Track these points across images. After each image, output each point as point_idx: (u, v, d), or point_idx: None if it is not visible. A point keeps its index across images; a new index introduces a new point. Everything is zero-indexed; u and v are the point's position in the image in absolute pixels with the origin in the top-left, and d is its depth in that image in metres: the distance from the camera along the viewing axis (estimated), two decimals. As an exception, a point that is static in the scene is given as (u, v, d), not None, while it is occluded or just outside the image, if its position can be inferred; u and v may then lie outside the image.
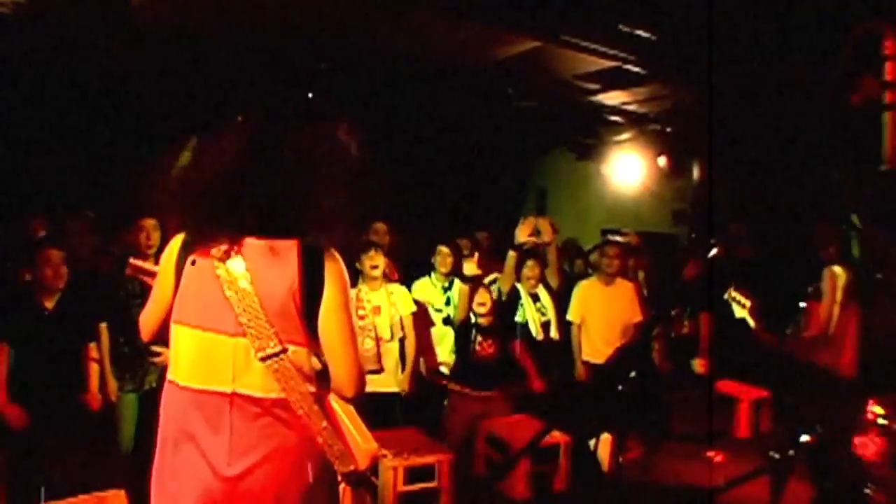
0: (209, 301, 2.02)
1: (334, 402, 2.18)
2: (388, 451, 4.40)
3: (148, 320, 2.26)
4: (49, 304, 4.31)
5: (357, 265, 5.15)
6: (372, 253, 5.11)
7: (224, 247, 2.03)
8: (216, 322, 2.02)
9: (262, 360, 1.99)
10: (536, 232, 5.41)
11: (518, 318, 5.83)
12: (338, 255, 2.14)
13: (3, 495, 4.01)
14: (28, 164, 7.20)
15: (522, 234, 5.47)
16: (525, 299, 5.82)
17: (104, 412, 4.60)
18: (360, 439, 2.17)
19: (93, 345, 4.56)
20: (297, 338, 2.05)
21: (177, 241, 2.13)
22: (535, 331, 5.76)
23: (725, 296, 5.20)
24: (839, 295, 4.64)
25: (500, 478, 4.68)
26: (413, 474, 4.29)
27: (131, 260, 2.95)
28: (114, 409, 4.65)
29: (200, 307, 2.04)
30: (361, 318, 5.09)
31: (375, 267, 5.12)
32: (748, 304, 4.95)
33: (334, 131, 2.20)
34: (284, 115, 2.16)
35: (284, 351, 2.01)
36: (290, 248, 2.06)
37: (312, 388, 2.07)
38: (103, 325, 4.54)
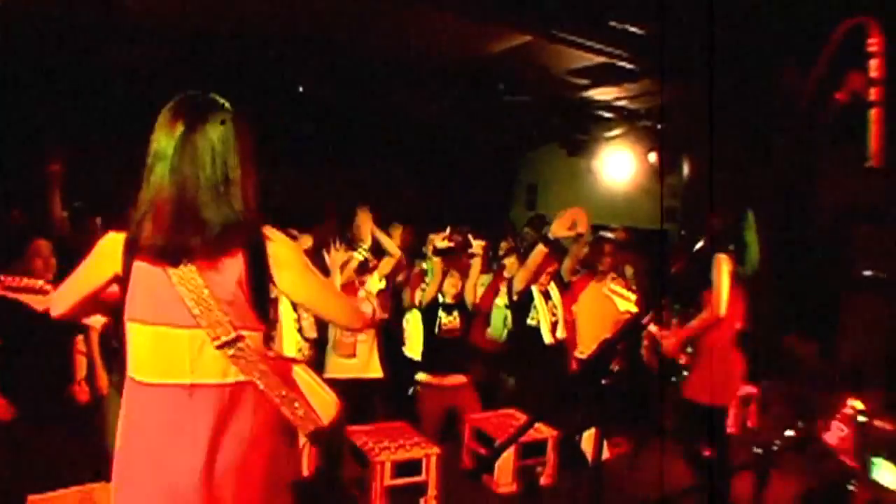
0: (161, 297, 2.05)
1: (296, 367, 2.29)
2: (375, 444, 4.42)
3: (66, 298, 2.30)
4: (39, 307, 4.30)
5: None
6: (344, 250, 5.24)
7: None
8: (169, 316, 2.05)
9: (219, 347, 2.05)
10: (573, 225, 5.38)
11: (530, 321, 5.81)
12: (276, 233, 2.19)
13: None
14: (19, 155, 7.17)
15: (561, 229, 5.35)
16: (538, 299, 5.77)
17: (92, 405, 4.60)
18: (325, 395, 2.28)
19: (80, 337, 4.55)
20: (249, 323, 2.11)
21: (117, 240, 2.13)
22: (547, 335, 5.74)
23: (604, 289, 5.24)
24: (727, 280, 4.68)
25: (486, 471, 4.69)
26: (400, 468, 4.31)
27: (5, 279, 2.89)
28: (101, 402, 4.65)
29: (153, 303, 2.07)
30: None
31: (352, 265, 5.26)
32: (633, 297, 5.00)
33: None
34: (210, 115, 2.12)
35: (240, 338, 2.07)
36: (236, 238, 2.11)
37: (267, 366, 2.13)
38: (92, 318, 4.53)
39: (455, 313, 5.50)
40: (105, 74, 6.84)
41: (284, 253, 2.18)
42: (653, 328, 5.15)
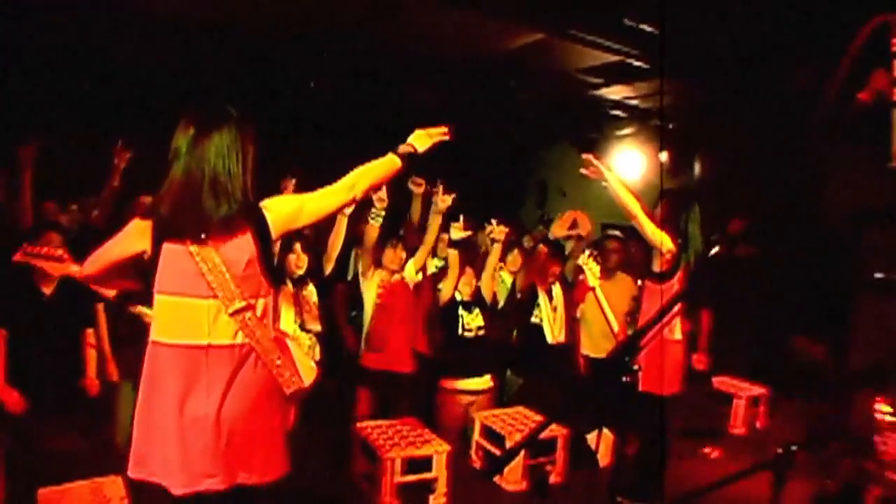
0: (186, 273, 2.51)
1: (287, 340, 2.77)
2: (386, 441, 4.41)
3: (96, 263, 2.73)
4: (48, 290, 4.30)
5: (381, 258, 5.16)
6: (399, 249, 5.14)
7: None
8: (192, 289, 2.52)
9: (232, 315, 2.53)
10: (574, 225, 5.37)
11: (534, 319, 5.79)
12: (266, 201, 2.62)
13: (1, 480, 4.00)
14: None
15: (560, 230, 5.43)
16: (542, 297, 5.76)
17: (102, 398, 4.60)
18: (308, 363, 2.79)
19: (90, 330, 4.55)
20: (260, 291, 2.61)
21: (143, 225, 2.57)
22: (549, 334, 5.72)
23: (579, 261, 5.22)
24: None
25: (498, 472, 4.67)
26: (410, 465, 4.30)
27: (27, 246, 3.21)
28: (112, 396, 4.65)
29: (178, 279, 2.52)
30: (381, 297, 5.12)
31: (400, 260, 5.19)
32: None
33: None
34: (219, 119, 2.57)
35: (249, 307, 2.55)
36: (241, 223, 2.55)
37: (266, 333, 2.60)
38: (100, 306, 4.55)
39: (476, 310, 5.42)
40: (117, 68, 6.83)
41: (281, 213, 2.63)
42: None
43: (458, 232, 5.19)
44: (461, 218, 5.22)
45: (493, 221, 5.38)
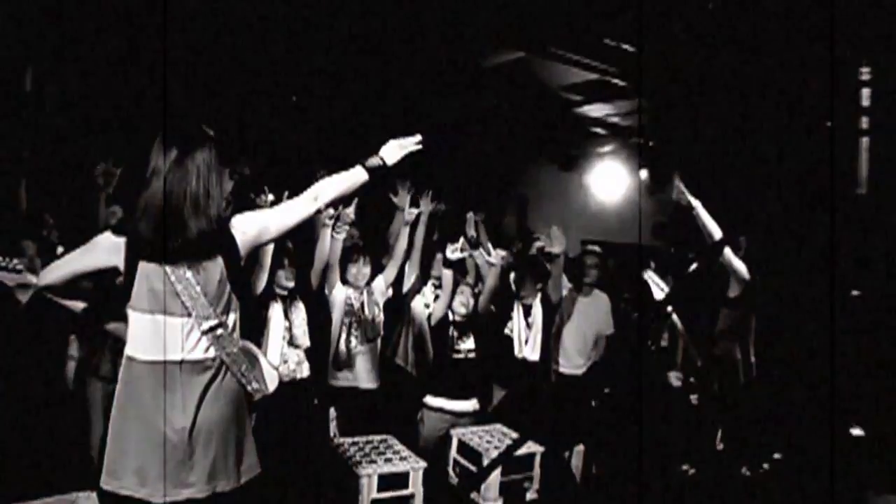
0: (160, 291, 2.59)
1: (252, 349, 2.91)
2: (362, 457, 4.40)
3: (56, 272, 2.75)
4: (23, 298, 4.28)
5: (345, 274, 5.18)
6: (362, 263, 5.17)
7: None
8: (167, 307, 2.60)
9: (205, 332, 2.63)
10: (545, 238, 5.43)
11: (507, 331, 5.79)
12: (235, 220, 2.71)
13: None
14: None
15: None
16: (516, 311, 5.77)
17: (78, 410, 4.57)
18: (272, 371, 2.96)
19: (72, 337, 4.53)
20: (231, 307, 2.72)
21: (115, 241, 2.62)
22: (518, 347, 5.72)
23: (644, 274, 5.25)
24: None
25: (474, 488, 4.67)
26: (385, 482, 4.29)
27: None
28: (85, 397, 4.60)
29: (153, 297, 2.60)
30: (349, 314, 5.13)
31: (364, 276, 5.24)
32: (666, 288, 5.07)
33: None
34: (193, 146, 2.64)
35: (220, 324, 2.66)
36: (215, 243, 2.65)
37: (239, 344, 2.75)
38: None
39: (469, 333, 5.37)
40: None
41: (249, 232, 2.71)
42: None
43: (453, 253, 5.19)
44: (461, 240, 5.24)
45: (490, 246, 5.41)
